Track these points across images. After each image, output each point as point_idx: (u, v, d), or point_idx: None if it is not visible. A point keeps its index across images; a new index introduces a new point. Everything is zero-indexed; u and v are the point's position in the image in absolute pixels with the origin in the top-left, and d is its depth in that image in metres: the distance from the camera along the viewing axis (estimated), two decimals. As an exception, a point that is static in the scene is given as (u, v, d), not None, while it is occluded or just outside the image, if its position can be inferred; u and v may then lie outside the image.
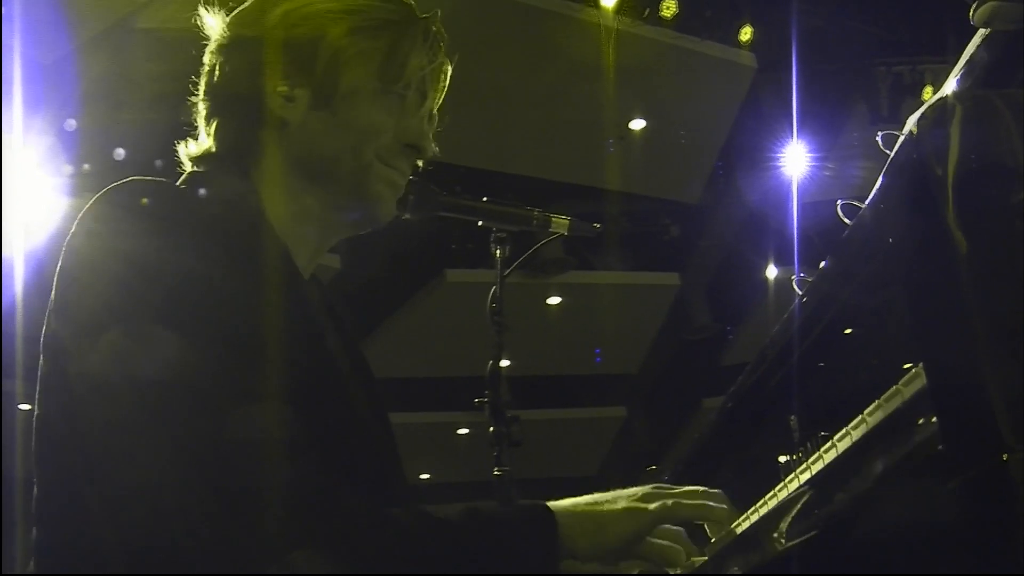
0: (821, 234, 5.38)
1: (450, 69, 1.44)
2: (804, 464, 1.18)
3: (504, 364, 2.51)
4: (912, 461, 0.88)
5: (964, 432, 0.80)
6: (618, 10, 6.75)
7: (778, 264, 8.88)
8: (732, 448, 1.82)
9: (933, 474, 0.83)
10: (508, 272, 2.56)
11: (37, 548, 1.18)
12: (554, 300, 9.43)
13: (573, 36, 6.71)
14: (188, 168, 1.40)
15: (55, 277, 1.21)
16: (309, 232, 1.39)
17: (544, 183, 8.19)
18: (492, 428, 2.48)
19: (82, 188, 5.76)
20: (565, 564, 1.22)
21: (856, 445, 1.03)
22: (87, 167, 6.04)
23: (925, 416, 0.87)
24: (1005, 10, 0.96)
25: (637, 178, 8.51)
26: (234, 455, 1.05)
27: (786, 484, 1.24)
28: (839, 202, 1.30)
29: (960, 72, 1.05)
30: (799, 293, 1.45)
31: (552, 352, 9.73)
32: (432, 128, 1.44)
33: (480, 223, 2.47)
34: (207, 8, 1.42)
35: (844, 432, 1.06)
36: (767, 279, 9.09)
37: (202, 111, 1.42)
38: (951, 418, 0.82)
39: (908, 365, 0.92)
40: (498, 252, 2.54)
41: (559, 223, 2.45)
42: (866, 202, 1.14)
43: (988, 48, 1.01)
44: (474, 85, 6.81)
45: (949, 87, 1.06)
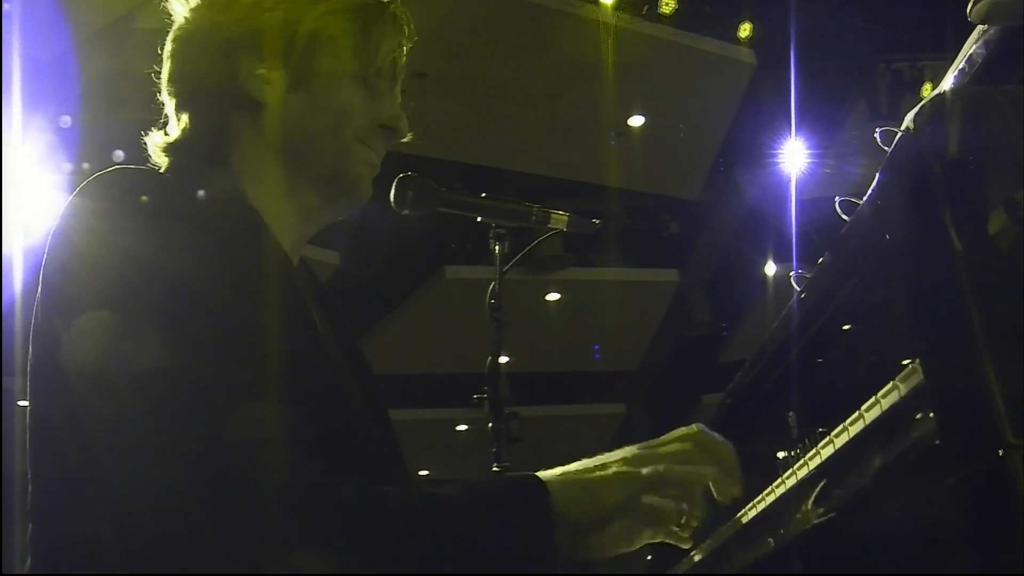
0: (820, 230, 5.39)
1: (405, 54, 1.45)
2: (802, 460, 1.18)
3: (503, 360, 2.51)
4: (909, 457, 0.89)
5: (961, 428, 0.80)
6: (617, 7, 6.75)
7: (777, 260, 8.89)
8: (731, 444, 1.82)
9: (930, 469, 0.84)
10: (507, 268, 2.56)
11: (33, 545, 1.18)
12: (553, 296, 9.44)
13: (572, 33, 6.71)
14: (159, 159, 1.39)
15: (41, 269, 1.21)
16: (291, 218, 1.38)
17: (543, 179, 8.19)
18: (491, 424, 2.48)
19: (81, 186, 5.75)
20: (561, 535, 1.19)
21: (853, 441, 1.03)
22: (86, 165, 6.04)
23: (922, 412, 0.88)
24: (1003, 7, 0.97)
25: (636, 175, 8.52)
26: (226, 447, 1.05)
27: (784, 480, 1.24)
28: (838, 199, 1.30)
29: (958, 68, 1.05)
30: (798, 289, 1.45)
31: (551, 348, 9.74)
32: (404, 110, 1.44)
33: (479, 219, 2.47)
34: None
35: (841, 428, 1.06)
36: (766, 276, 9.10)
37: (171, 100, 1.40)
38: (949, 414, 0.82)
39: (906, 361, 0.92)
40: (497, 248, 2.55)
41: (558, 219, 2.45)
42: (864, 198, 1.14)
43: (986, 45, 1.01)
44: (473, 82, 6.82)
45: (947, 83, 1.06)
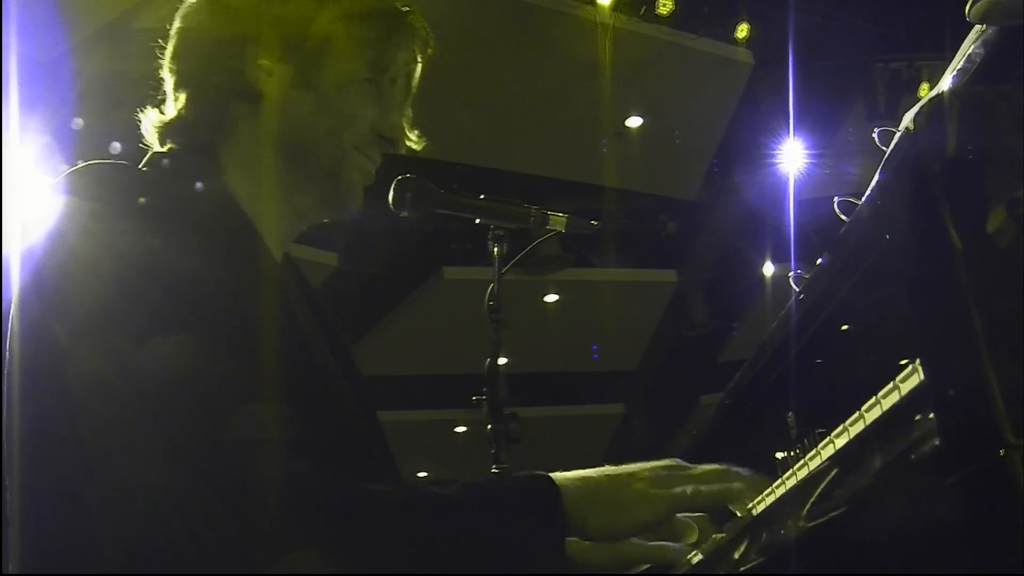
0: (818, 231, 5.38)
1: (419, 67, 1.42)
2: (802, 460, 1.18)
3: (502, 361, 2.51)
4: (910, 457, 0.88)
5: (962, 428, 0.80)
6: (614, 8, 6.75)
7: (775, 261, 8.90)
8: (730, 445, 1.82)
9: (931, 470, 0.83)
10: (506, 269, 2.57)
11: (26, 547, 1.15)
12: (552, 297, 9.44)
13: (570, 34, 6.72)
14: (152, 139, 1.37)
15: (34, 272, 1.18)
16: (279, 215, 1.36)
17: (541, 180, 8.20)
18: (490, 425, 2.48)
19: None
20: (571, 542, 1.18)
21: (854, 441, 1.03)
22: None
23: (922, 412, 0.87)
24: (1001, 6, 0.96)
25: (634, 175, 8.52)
26: (223, 447, 1.04)
27: (784, 480, 1.24)
28: (836, 199, 1.29)
29: (957, 68, 1.05)
30: (796, 290, 1.45)
31: (550, 349, 9.74)
32: (407, 123, 1.42)
33: (478, 220, 2.47)
34: None
35: (841, 429, 1.06)
36: (764, 276, 9.11)
37: (171, 77, 1.38)
38: (949, 414, 0.82)
39: (904, 361, 0.92)
40: (496, 249, 2.55)
41: (556, 220, 2.45)
42: (863, 199, 1.14)
43: (984, 44, 1.01)
44: (471, 83, 6.81)
45: (946, 83, 1.06)
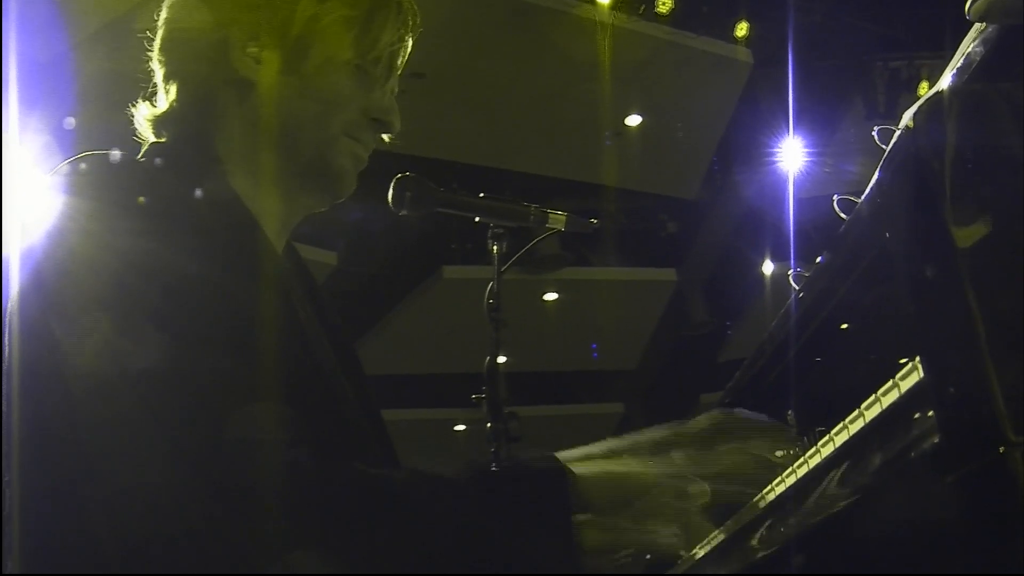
0: (818, 229, 5.38)
1: (410, 46, 1.40)
2: (802, 458, 1.18)
3: (501, 360, 2.51)
4: (910, 455, 0.89)
5: (962, 426, 0.80)
6: (614, 6, 6.75)
7: (775, 260, 8.89)
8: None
9: (931, 468, 0.83)
10: (505, 268, 2.57)
11: (22, 546, 1.14)
12: (551, 296, 9.43)
13: (569, 32, 6.71)
14: (145, 132, 1.37)
15: (32, 271, 1.17)
16: (273, 203, 1.35)
17: (541, 179, 8.19)
18: (490, 424, 2.48)
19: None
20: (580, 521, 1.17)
21: (854, 439, 1.03)
22: (83, 166, 6.02)
23: (922, 410, 0.88)
24: (1000, 5, 0.96)
25: (634, 174, 8.51)
26: (223, 445, 1.03)
27: (784, 479, 1.24)
28: (836, 197, 1.30)
29: (956, 67, 1.05)
30: (796, 288, 1.45)
31: (549, 348, 9.73)
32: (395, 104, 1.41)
33: (477, 219, 2.47)
34: None
35: (841, 426, 1.06)
36: (764, 275, 9.10)
37: (160, 68, 1.38)
38: (949, 412, 0.82)
39: (904, 360, 0.92)
40: (495, 248, 2.55)
41: (556, 219, 2.45)
42: (862, 197, 1.14)
43: (984, 43, 1.01)
44: (470, 81, 6.82)
45: (945, 81, 1.06)
